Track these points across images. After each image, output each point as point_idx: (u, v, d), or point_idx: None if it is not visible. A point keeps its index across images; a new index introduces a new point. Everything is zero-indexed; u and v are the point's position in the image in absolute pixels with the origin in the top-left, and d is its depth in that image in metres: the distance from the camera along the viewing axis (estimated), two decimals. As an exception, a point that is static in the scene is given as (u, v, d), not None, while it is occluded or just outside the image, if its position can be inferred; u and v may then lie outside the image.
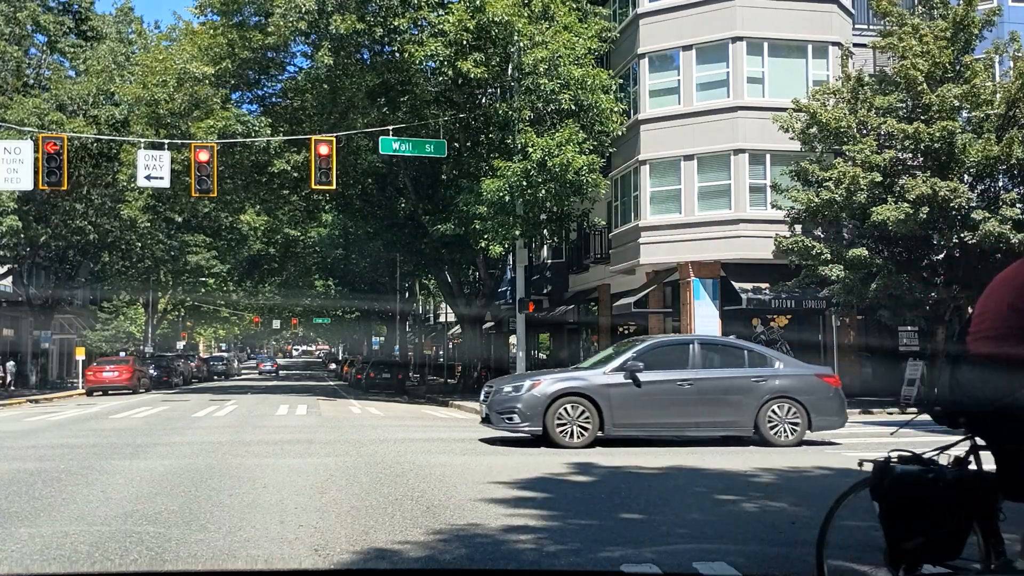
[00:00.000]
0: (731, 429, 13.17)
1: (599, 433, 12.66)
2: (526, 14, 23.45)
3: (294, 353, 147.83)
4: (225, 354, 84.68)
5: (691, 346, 13.41)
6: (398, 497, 8.19)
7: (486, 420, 13.45)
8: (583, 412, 12.62)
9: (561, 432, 12.55)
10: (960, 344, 4.08)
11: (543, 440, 12.82)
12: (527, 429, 12.80)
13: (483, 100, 27.46)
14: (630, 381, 12.75)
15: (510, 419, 12.88)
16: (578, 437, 12.53)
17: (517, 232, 24.40)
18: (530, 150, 22.97)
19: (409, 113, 26.19)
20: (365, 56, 27.81)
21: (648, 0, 26.34)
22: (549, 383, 12.98)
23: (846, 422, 13.79)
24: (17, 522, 7.04)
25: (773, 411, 12.97)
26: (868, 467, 4.37)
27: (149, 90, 26.43)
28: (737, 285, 24.25)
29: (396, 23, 24.74)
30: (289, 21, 25.18)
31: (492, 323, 44.58)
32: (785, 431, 12.96)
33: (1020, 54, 21.57)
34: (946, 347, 23.05)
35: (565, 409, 12.63)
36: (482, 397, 13.93)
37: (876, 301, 21.66)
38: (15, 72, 35.44)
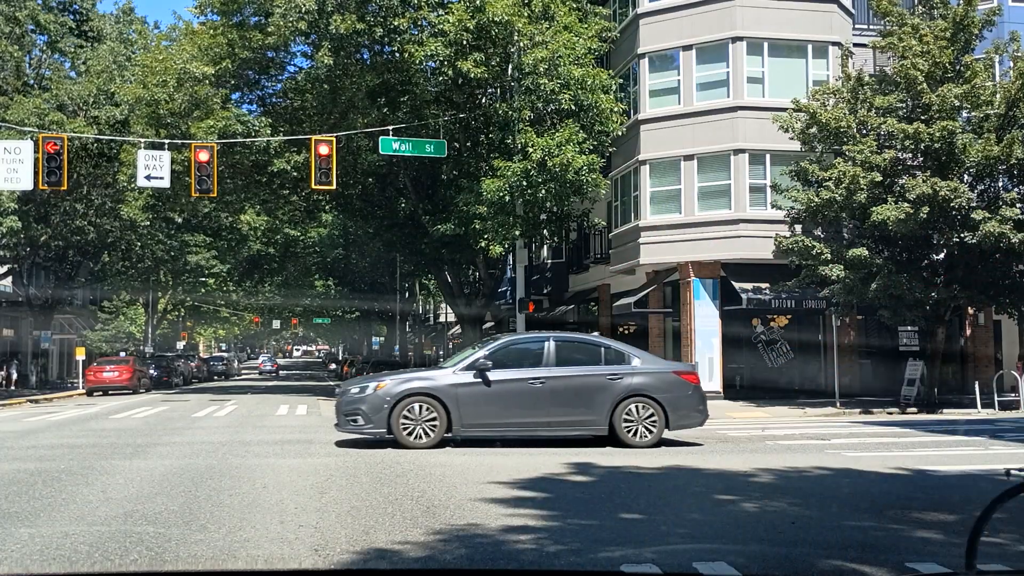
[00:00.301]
0: (585, 428, 12.82)
1: (447, 434, 12.45)
2: (526, 14, 23.45)
3: (295, 353, 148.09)
4: (225, 354, 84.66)
5: (546, 344, 13.03)
6: (398, 497, 8.19)
7: (338, 424, 12.99)
8: (430, 412, 12.36)
9: (407, 433, 12.27)
10: None
11: (391, 442, 12.47)
12: (371, 431, 12.49)
13: (483, 100, 27.47)
14: (479, 380, 12.50)
15: (354, 421, 12.52)
16: (424, 438, 12.27)
17: (517, 232, 24.40)
18: (530, 150, 22.96)
19: (409, 113, 26.19)
20: (365, 56, 27.82)
21: (648, 0, 26.35)
22: (395, 383, 12.70)
23: (707, 420, 13.42)
24: (17, 522, 7.04)
25: (629, 410, 12.61)
26: (1016, 474, 4.34)
27: (149, 90, 26.42)
28: (737, 285, 24.25)
29: (396, 23, 24.75)
30: (289, 21, 25.18)
31: (492, 323, 44.57)
32: (641, 431, 12.59)
33: (1020, 54, 21.58)
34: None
35: (411, 409, 12.34)
36: (335, 400, 13.35)
37: (876, 301, 21.67)
38: (15, 72, 35.45)
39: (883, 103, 21.56)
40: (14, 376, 38.65)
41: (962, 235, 20.33)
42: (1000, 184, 21.60)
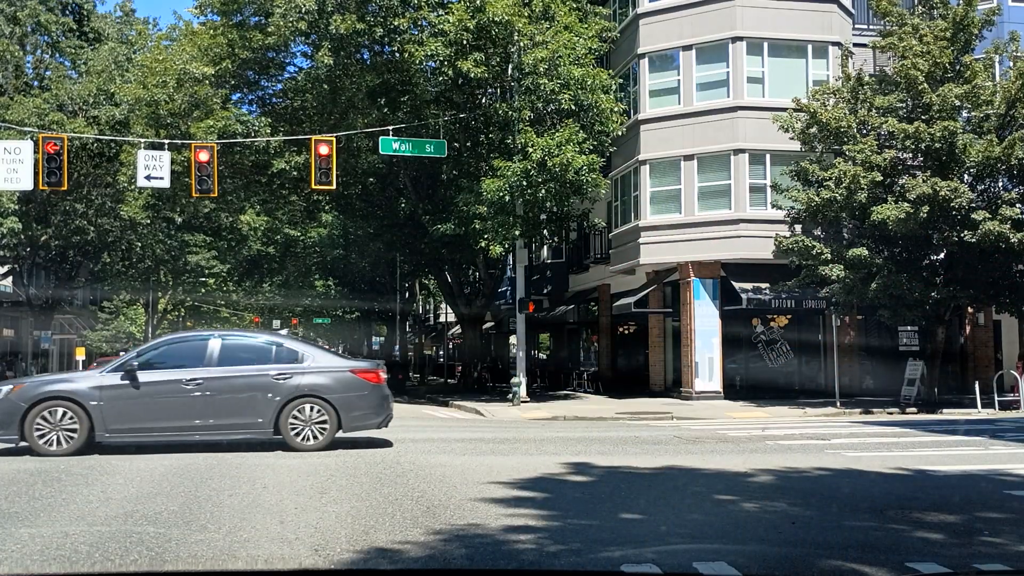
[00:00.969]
0: (249, 431, 12.19)
1: (91, 440, 11.74)
2: (526, 14, 23.44)
3: None
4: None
5: (209, 343, 12.42)
6: (398, 497, 8.19)
7: None
8: (69, 417, 11.58)
9: (42, 440, 11.51)
10: None
11: (29, 449, 11.74)
12: (3, 438, 11.68)
13: (483, 100, 27.46)
14: (127, 382, 11.79)
15: None
16: (60, 445, 11.52)
17: (517, 232, 24.39)
18: (530, 150, 22.95)
19: (409, 113, 26.18)
20: (365, 56, 27.81)
21: (648, 0, 26.34)
22: (32, 386, 12.03)
23: (388, 420, 12.69)
24: (17, 522, 7.04)
25: (297, 412, 12.02)
26: None
27: (149, 90, 26.41)
28: (737, 285, 24.24)
29: (396, 23, 24.74)
30: (289, 21, 25.17)
31: (492, 323, 44.59)
32: (310, 433, 12.04)
33: (1020, 54, 21.59)
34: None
35: (49, 414, 11.55)
36: None
37: (876, 301, 21.67)
38: (16, 72, 35.47)
39: (883, 103, 21.56)
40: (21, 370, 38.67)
41: (962, 235, 20.33)
42: (1000, 184, 21.60)
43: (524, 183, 23.08)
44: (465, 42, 23.50)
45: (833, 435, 15.16)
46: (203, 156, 21.76)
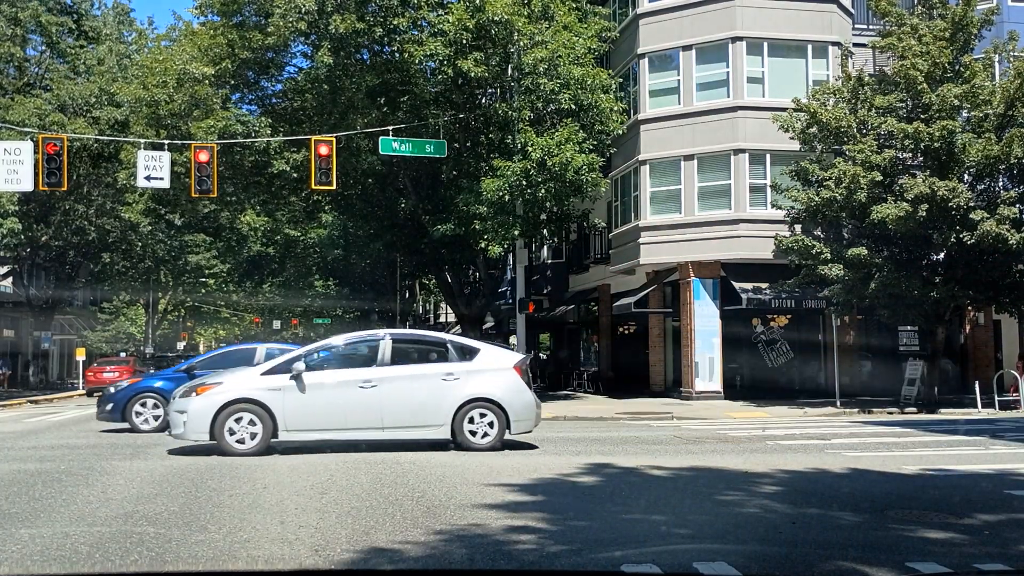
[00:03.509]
0: None
1: None
2: (526, 13, 23.43)
3: None
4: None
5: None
6: (398, 497, 8.19)
7: None
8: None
9: None
10: None
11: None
12: None
13: (483, 100, 27.43)
14: None
15: None
16: None
17: (517, 232, 24.38)
18: (530, 150, 22.94)
19: (409, 113, 26.16)
20: (365, 56, 27.78)
21: (648, 0, 26.34)
22: None
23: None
24: (17, 523, 7.04)
25: None
26: None
27: (149, 91, 26.40)
28: (737, 285, 24.24)
29: (396, 23, 24.73)
30: (289, 21, 25.16)
31: (492, 323, 44.58)
32: None
33: (1019, 54, 21.59)
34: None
35: None
36: None
37: (876, 301, 21.67)
38: (19, 72, 35.49)
39: (883, 103, 21.56)
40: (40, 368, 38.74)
41: (961, 235, 20.32)
42: (1000, 184, 21.60)
43: (524, 183, 23.07)
44: (465, 42, 23.48)
45: (833, 435, 15.16)
46: (203, 156, 21.75)
